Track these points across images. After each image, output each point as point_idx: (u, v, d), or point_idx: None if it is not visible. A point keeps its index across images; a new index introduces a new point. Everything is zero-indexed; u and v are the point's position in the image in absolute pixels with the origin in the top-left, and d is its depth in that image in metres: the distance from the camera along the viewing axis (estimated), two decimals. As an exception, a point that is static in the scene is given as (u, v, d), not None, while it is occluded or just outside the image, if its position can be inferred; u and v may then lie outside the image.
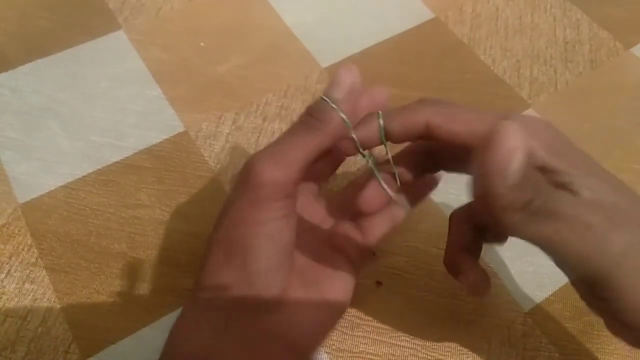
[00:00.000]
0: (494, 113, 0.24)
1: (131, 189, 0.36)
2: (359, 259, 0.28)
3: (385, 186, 0.26)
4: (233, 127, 0.40)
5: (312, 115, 0.25)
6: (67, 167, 0.37)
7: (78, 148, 0.38)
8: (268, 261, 0.24)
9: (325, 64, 0.44)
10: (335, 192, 0.32)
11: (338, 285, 0.27)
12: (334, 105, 0.24)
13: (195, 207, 0.36)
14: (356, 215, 0.28)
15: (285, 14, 0.47)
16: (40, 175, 0.37)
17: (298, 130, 0.25)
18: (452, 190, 0.37)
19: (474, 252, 0.28)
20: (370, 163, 0.26)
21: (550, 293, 0.34)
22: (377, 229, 0.28)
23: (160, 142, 0.39)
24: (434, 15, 0.48)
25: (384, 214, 0.28)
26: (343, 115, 0.24)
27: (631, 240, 0.20)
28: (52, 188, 0.36)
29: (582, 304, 0.33)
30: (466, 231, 0.27)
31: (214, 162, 0.38)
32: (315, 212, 0.30)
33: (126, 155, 0.38)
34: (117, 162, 0.37)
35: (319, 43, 0.45)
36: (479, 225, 0.27)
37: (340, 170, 0.32)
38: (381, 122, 0.24)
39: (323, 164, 0.27)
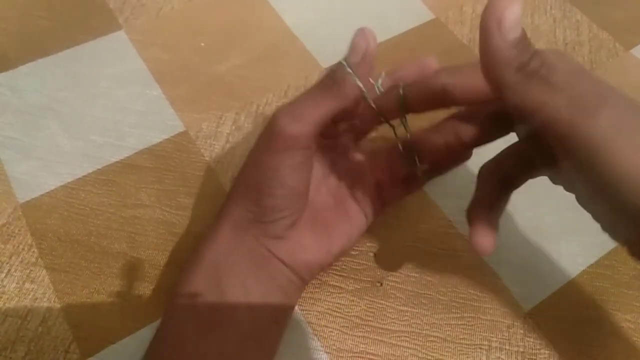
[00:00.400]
0: None
1: (131, 188, 0.36)
2: (370, 210, 0.32)
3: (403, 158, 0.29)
4: (233, 127, 0.40)
5: (329, 77, 0.27)
6: (67, 167, 0.37)
7: (78, 148, 0.38)
8: (278, 201, 0.28)
9: (325, 64, 0.44)
10: (368, 150, 0.34)
11: (344, 229, 0.31)
12: (349, 70, 0.26)
13: (195, 207, 0.36)
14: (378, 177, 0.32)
15: (286, 14, 0.47)
16: (41, 175, 0.37)
17: (316, 90, 0.27)
18: (453, 190, 0.37)
19: (497, 208, 0.28)
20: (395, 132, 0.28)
21: (550, 293, 0.34)
22: (391, 193, 0.32)
23: (160, 142, 0.39)
24: (434, 15, 0.48)
25: (401, 183, 0.31)
26: (356, 79, 0.26)
27: (621, 117, 0.20)
28: (52, 188, 0.36)
29: (582, 304, 0.34)
30: (493, 184, 0.28)
31: (214, 162, 0.38)
32: (343, 164, 0.33)
33: (126, 155, 0.38)
34: (117, 161, 0.37)
35: (319, 43, 0.45)
36: (506, 179, 0.28)
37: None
38: (401, 91, 0.27)
39: (354, 123, 0.32)
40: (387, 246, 0.35)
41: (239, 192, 0.29)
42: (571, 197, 0.26)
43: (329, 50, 0.45)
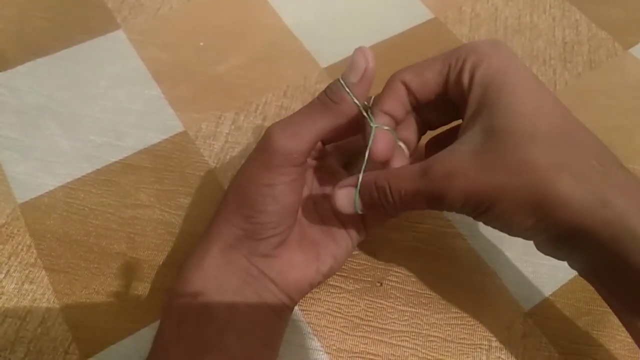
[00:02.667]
0: (454, 51, 0.27)
1: (130, 189, 0.36)
2: (355, 233, 0.31)
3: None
4: (232, 127, 0.40)
5: (327, 95, 0.27)
6: (66, 167, 0.37)
7: (77, 148, 0.38)
8: (270, 217, 0.27)
9: (324, 64, 0.44)
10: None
11: (331, 248, 0.30)
12: (347, 89, 0.26)
13: (194, 207, 0.36)
14: None
15: (285, 14, 0.47)
16: (39, 175, 0.36)
17: (313, 107, 0.27)
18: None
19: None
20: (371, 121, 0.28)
21: (550, 293, 0.34)
22: (373, 217, 0.32)
23: (159, 142, 0.39)
24: (433, 15, 0.48)
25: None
26: (354, 98, 0.26)
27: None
28: (51, 188, 0.36)
29: (581, 304, 0.34)
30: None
31: (213, 162, 0.38)
32: (329, 186, 0.33)
33: (125, 155, 0.38)
34: (116, 162, 0.37)
35: (319, 43, 0.45)
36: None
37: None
38: (369, 102, 0.29)
39: (341, 145, 0.33)
40: (387, 246, 0.35)
41: (229, 208, 0.29)
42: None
43: (328, 50, 0.45)
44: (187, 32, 0.45)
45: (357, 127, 0.28)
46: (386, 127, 0.28)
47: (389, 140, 0.28)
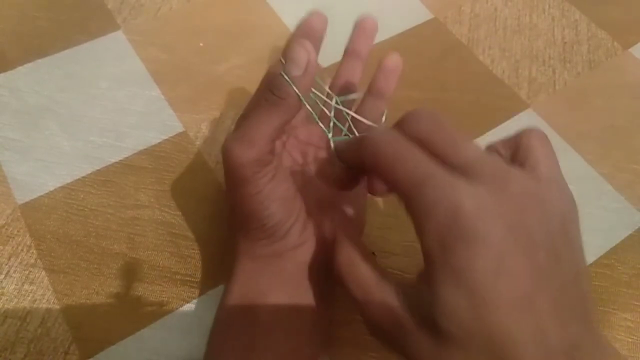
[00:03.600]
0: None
1: (130, 189, 0.36)
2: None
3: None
4: (233, 128, 0.40)
5: (273, 92, 0.26)
6: (66, 168, 0.37)
7: (77, 148, 0.38)
8: (278, 215, 0.27)
9: (324, 63, 0.44)
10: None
11: (351, 202, 0.31)
12: (291, 83, 0.25)
13: (194, 207, 0.36)
14: None
15: (284, 14, 0.47)
16: (40, 175, 0.36)
17: (262, 108, 0.26)
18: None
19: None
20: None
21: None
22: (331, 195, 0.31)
23: (159, 143, 0.39)
24: (432, 15, 0.48)
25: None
26: (299, 93, 0.25)
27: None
28: (51, 189, 0.36)
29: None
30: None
31: (213, 163, 0.38)
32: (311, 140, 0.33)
33: (125, 156, 0.38)
34: (116, 162, 0.37)
35: (318, 43, 0.45)
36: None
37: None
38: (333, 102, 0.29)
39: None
40: (387, 246, 0.35)
41: (241, 232, 0.29)
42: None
43: (327, 50, 0.44)
44: (187, 32, 0.45)
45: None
46: (343, 135, 0.28)
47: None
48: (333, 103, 0.29)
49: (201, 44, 0.44)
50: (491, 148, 0.24)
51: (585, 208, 0.37)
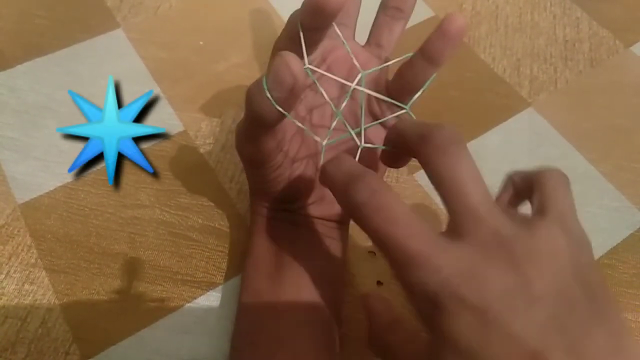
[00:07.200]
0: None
1: (130, 189, 0.36)
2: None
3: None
4: (233, 126, 0.40)
5: (255, 111, 0.24)
6: (66, 167, 0.37)
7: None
8: (278, 170, 0.28)
9: (324, 62, 0.44)
10: None
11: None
12: (277, 107, 0.23)
13: (195, 207, 0.36)
14: None
15: (285, 13, 0.46)
16: (39, 175, 0.36)
17: (245, 116, 0.26)
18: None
19: None
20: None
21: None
22: None
23: (159, 142, 0.38)
24: (433, 13, 0.48)
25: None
26: (285, 113, 0.23)
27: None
28: (51, 188, 0.36)
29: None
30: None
31: (213, 162, 0.38)
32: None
33: (125, 155, 0.38)
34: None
35: (319, 41, 0.45)
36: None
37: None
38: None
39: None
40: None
41: (255, 196, 0.32)
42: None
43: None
44: (187, 31, 0.45)
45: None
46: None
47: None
48: (354, 85, 0.27)
49: (201, 43, 0.44)
50: (508, 179, 0.25)
51: (586, 207, 0.37)
